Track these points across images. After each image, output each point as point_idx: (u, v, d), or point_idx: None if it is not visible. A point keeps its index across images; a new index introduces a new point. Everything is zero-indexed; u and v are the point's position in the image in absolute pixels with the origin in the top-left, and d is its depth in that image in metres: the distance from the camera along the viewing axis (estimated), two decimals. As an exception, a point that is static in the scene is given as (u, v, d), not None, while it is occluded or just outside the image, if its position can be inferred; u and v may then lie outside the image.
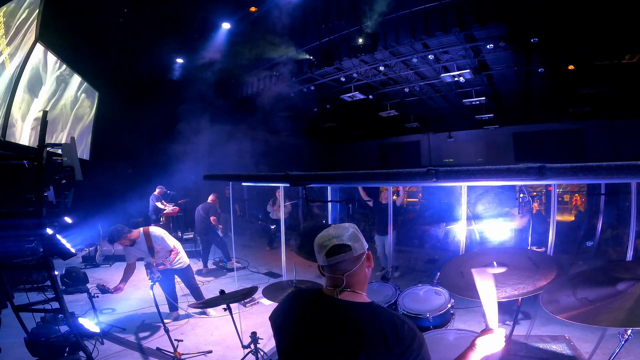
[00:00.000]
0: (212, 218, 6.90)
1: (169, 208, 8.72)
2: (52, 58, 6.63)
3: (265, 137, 11.80)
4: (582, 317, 1.46)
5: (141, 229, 4.21)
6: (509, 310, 3.50)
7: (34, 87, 6.18)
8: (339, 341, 1.15)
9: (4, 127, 5.34)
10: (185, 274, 4.54)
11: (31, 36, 5.71)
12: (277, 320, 1.34)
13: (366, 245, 1.31)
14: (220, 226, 7.19)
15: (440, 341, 2.00)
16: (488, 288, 1.41)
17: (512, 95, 10.35)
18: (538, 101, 10.65)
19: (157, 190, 8.80)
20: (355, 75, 8.94)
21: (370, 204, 6.39)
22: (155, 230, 4.25)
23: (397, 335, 1.11)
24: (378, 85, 9.97)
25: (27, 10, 5.45)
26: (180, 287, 4.70)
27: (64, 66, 7.13)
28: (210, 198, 7.26)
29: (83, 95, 8.27)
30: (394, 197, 5.69)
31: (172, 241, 4.31)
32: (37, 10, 5.63)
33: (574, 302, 1.55)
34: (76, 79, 7.80)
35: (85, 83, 8.21)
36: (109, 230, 4.04)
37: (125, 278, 4.10)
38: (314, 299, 1.30)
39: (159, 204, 8.66)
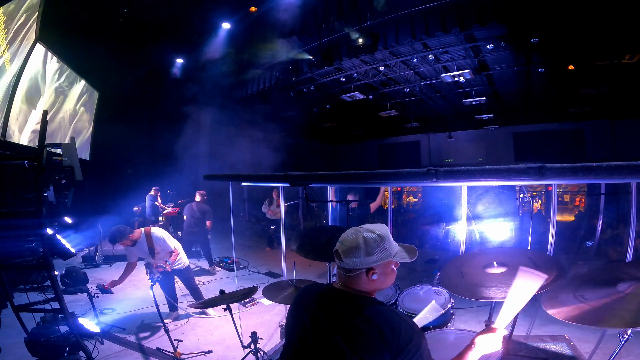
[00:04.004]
0: (208, 223, 6.75)
1: (168, 208, 8.71)
2: (51, 67, 6.61)
3: (265, 137, 11.82)
4: (583, 318, 1.46)
5: (142, 229, 4.21)
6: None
7: (33, 99, 6.14)
8: (340, 332, 1.18)
9: (3, 128, 5.35)
10: (184, 275, 4.54)
11: (31, 37, 5.71)
12: (288, 317, 1.40)
13: (374, 260, 1.21)
14: (209, 230, 7.00)
15: (440, 341, 2.00)
16: (526, 291, 1.32)
17: (512, 95, 10.34)
18: (538, 101, 10.64)
19: (153, 190, 8.79)
20: (355, 75, 8.94)
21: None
22: (157, 231, 4.25)
23: (394, 332, 1.13)
24: (378, 85, 9.96)
25: (25, 14, 5.44)
26: (180, 287, 4.70)
27: (63, 77, 7.13)
28: (199, 197, 6.93)
29: (82, 108, 8.26)
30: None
31: (172, 242, 4.31)
32: (37, 11, 5.63)
33: (574, 303, 1.55)
34: (75, 91, 7.78)
35: (84, 96, 8.21)
36: (111, 230, 4.02)
37: (124, 275, 4.10)
38: (320, 292, 1.36)
39: (147, 202, 8.61)
